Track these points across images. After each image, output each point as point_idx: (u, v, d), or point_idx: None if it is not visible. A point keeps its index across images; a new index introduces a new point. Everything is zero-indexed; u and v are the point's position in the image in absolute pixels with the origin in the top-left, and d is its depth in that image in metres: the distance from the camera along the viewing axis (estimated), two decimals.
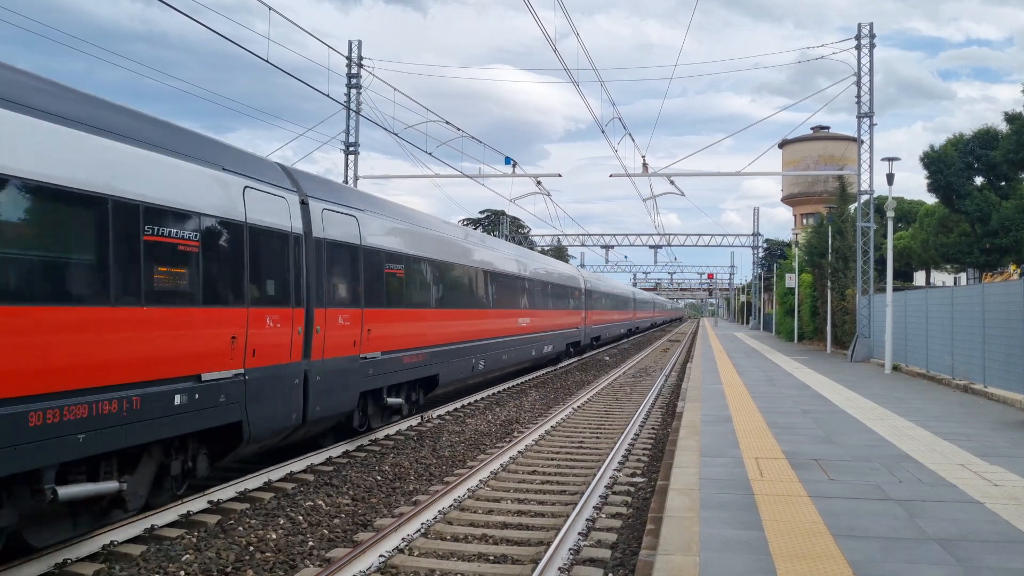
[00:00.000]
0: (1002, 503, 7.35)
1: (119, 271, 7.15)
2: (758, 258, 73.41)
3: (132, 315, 7.30)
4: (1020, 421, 12.86)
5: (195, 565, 7.01)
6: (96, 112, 7.35)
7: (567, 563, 6.97)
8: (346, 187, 14.18)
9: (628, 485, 9.99)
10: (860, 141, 29.06)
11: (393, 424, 14.11)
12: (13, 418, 6.05)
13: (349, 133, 30.75)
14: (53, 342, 6.45)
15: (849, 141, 38.66)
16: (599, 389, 21.34)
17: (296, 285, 10.17)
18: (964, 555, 5.83)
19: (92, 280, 6.96)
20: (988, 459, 9.47)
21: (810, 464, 9.14)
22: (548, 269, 28.55)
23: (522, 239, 75.83)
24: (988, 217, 34.35)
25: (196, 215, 8.26)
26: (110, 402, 6.96)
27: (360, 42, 30.49)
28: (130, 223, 7.31)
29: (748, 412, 13.61)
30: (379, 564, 6.98)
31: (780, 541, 6.12)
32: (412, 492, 9.88)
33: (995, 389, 15.98)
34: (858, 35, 28.75)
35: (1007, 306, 15.55)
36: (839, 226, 34.13)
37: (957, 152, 35.04)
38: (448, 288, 16.26)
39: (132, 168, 7.41)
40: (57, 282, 6.67)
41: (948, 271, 55.22)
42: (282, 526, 8.22)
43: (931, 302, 21.37)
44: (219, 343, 8.60)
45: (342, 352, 11.36)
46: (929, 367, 20.97)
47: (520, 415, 16.57)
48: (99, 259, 6.99)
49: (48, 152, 6.50)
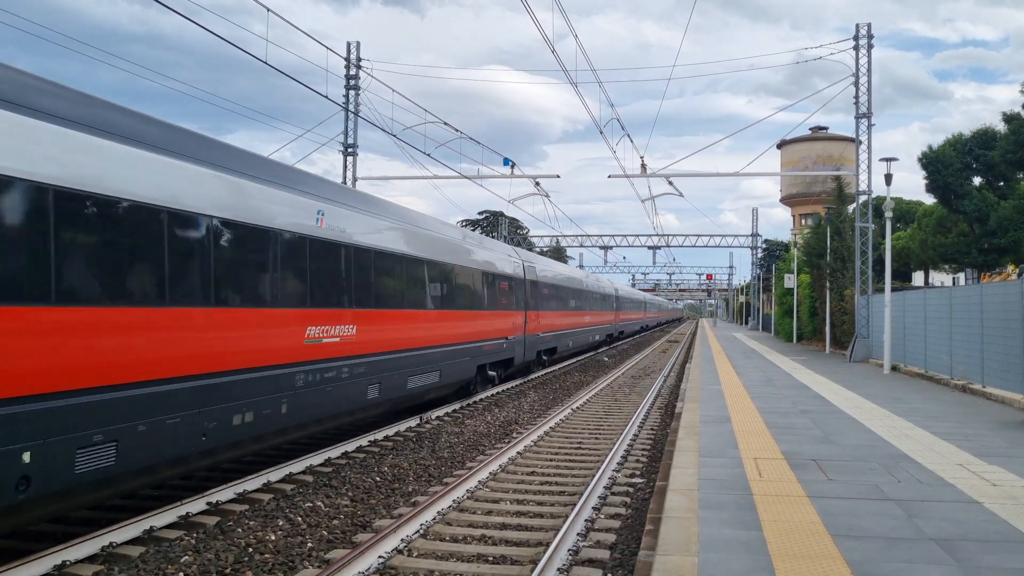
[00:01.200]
0: (1001, 503, 7.36)
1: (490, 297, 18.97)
2: (757, 259, 73.45)
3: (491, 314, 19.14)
4: (1018, 421, 12.87)
5: (194, 566, 7.00)
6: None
7: (566, 564, 6.98)
8: (532, 254, 22.15)
9: (627, 486, 10.00)
10: (858, 142, 29.09)
11: (392, 426, 14.16)
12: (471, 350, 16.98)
13: (348, 134, 30.75)
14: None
15: (847, 141, 38.72)
16: (598, 390, 21.34)
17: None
18: (963, 555, 5.83)
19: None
20: (987, 459, 9.48)
21: (809, 464, 9.14)
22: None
23: (520, 240, 75.85)
24: (986, 217, 34.41)
25: (505, 277, 19.95)
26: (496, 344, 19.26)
27: (358, 43, 30.45)
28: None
29: (747, 412, 13.61)
30: (378, 565, 6.98)
31: (779, 541, 6.12)
32: (411, 493, 9.87)
33: (993, 389, 15.99)
34: (856, 35, 28.78)
35: (1005, 306, 15.56)
36: (837, 226, 34.16)
37: (955, 152, 35.11)
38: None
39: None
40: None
41: (946, 271, 55.29)
42: (281, 527, 8.22)
43: (929, 302, 21.38)
44: (507, 325, 20.98)
45: (532, 332, 23.58)
46: (928, 367, 20.98)
47: (519, 416, 16.57)
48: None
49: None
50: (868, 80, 28.51)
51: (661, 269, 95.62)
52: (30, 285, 6.51)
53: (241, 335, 9.25)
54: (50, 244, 6.65)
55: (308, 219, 10.71)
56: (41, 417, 6.46)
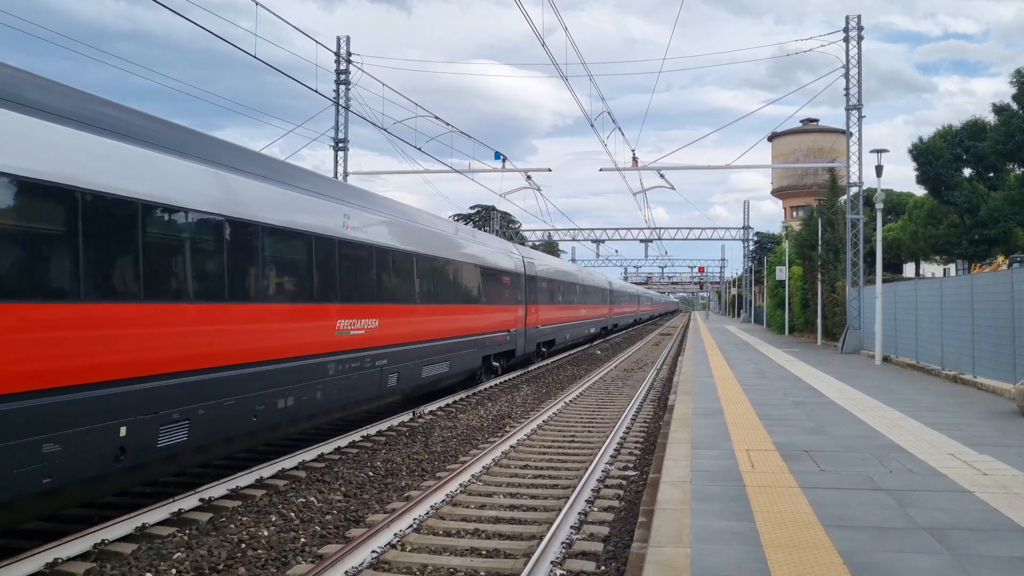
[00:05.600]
0: (991, 492, 7.39)
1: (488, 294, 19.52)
2: (748, 251, 73.57)
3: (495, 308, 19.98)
4: (1009, 410, 12.94)
5: (186, 563, 6.98)
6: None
7: (559, 556, 6.98)
8: (530, 249, 21.46)
9: (620, 478, 10.01)
10: (849, 133, 29.13)
11: (384, 420, 14.15)
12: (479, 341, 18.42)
13: (338, 129, 30.64)
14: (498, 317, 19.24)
15: (838, 134, 38.70)
16: (591, 383, 21.36)
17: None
18: (954, 543, 5.86)
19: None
20: (978, 448, 9.53)
21: (801, 455, 9.17)
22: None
23: (513, 234, 75.78)
24: (977, 208, 34.52)
25: (506, 273, 20.28)
26: (499, 336, 20.26)
27: (348, 38, 30.32)
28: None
29: (739, 404, 13.65)
30: (371, 560, 6.97)
31: (771, 532, 6.14)
32: (404, 488, 9.87)
33: (984, 379, 16.08)
34: (846, 27, 28.80)
35: (995, 297, 15.63)
36: (829, 218, 34.24)
37: (946, 144, 35.18)
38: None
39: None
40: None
41: (937, 262, 55.44)
42: (274, 523, 8.20)
43: (920, 293, 21.46)
44: (509, 318, 21.53)
45: (532, 325, 23.77)
46: (919, 358, 21.06)
47: (512, 410, 16.57)
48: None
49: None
50: (859, 72, 28.55)
51: (653, 262, 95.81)
52: (161, 286, 8.12)
53: (287, 328, 10.36)
54: (186, 259, 8.52)
55: (337, 223, 11.78)
56: (136, 396, 7.59)
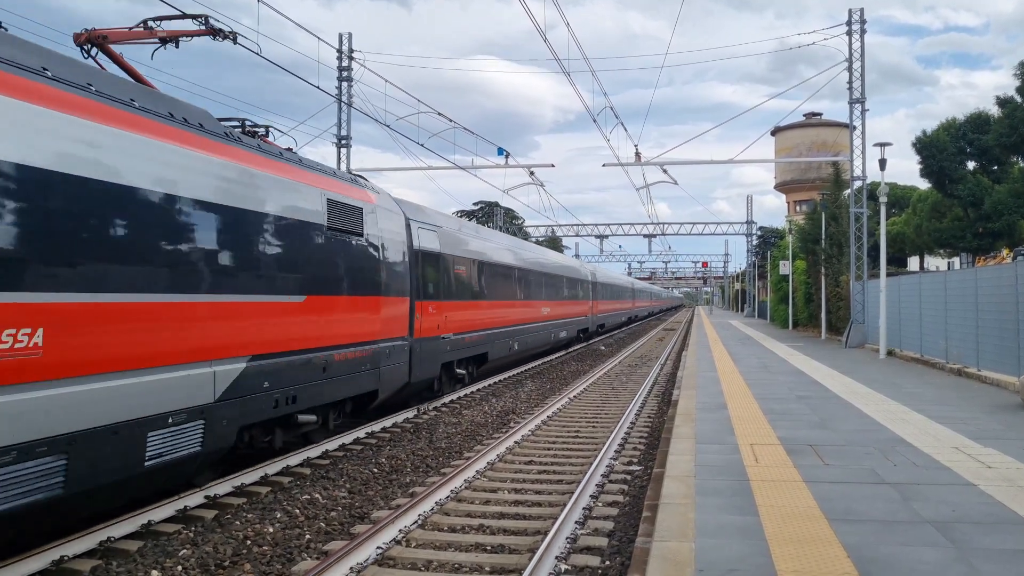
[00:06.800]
0: (996, 485, 7.39)
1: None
2: (752, 246, 73.47)
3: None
4: (1013, 404, 12.92)
5: (192, 560, 7.00)
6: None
7: (564, 552, 6.99)
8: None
9: (624, 473, 10.02)
10: (852, 127, 29.06)
11: (389, 417, 14.16)
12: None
13: (341, 126, 30.65)
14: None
15: (841, 127, 38.58)
16: (595, 378, 21.37)
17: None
18: (959, 537, 5.86)
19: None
20: (982, 442, 9.52)
21: (805, 450, 9.17)
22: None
23: (516, 230, 75.75)
24: (981, 201, 34.46)
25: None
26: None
27: (350, 34, 30.32)
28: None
29: (743, 399, 13.64)
30: (376, 556, 6.99)
31: (775, 526, 6.14)
32: (409, 484, 9.89)
33: (988, 372, 16.05)
34: (849, 20, 28.71)
35: (1000, 290, 15.61)
36: (833, 212, 34.16)
37: (949, 137, 35.11)
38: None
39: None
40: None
41: (941, 256, 55.35)
42: (279, 520, 8.23)
43: (924, 287, 21.43)
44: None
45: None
46: (923, 352, 21.04)
47: (516, 405, 16.59)
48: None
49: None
50: (862, 65, 28.48)
51: (657, 257, 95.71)
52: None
53: (534, 310, 17.22)
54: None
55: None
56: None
